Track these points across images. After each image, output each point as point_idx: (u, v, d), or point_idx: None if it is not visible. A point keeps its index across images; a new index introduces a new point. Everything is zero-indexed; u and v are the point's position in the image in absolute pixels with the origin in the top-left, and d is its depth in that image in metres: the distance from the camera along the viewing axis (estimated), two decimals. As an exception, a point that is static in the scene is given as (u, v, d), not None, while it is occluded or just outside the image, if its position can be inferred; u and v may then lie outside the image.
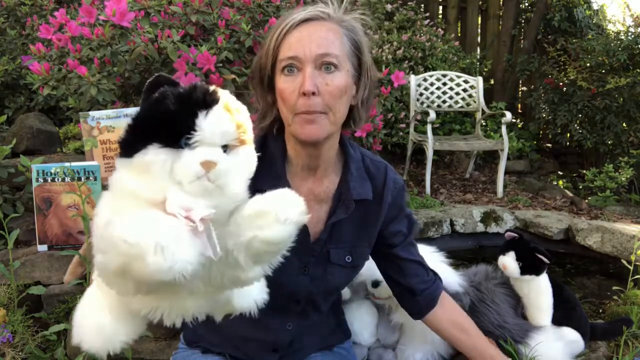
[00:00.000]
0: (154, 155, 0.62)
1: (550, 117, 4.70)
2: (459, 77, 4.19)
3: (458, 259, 2.53)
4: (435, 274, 1.33)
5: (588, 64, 4.43)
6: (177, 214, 0.60)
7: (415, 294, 1.26)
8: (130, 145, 0.64)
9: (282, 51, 1.03)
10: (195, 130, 0.63)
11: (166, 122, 0.63)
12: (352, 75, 1.07)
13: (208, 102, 0.66)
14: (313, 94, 0.99)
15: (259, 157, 1.10)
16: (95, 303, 0.74)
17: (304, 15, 1.03)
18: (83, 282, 1.61)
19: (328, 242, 1.14)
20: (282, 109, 1.06)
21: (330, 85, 1.01)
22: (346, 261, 1.16)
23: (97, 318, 0.73)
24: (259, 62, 1.09)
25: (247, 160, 0.73)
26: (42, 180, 1.88)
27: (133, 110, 2.05)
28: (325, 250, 1.14)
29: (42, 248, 1.90)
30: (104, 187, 1.98)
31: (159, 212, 0.61)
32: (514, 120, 4.77)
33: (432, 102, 4.13)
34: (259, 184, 1.09)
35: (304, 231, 0.79)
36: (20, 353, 1.59)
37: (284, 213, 0.68)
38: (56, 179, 1.87)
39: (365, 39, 1.10)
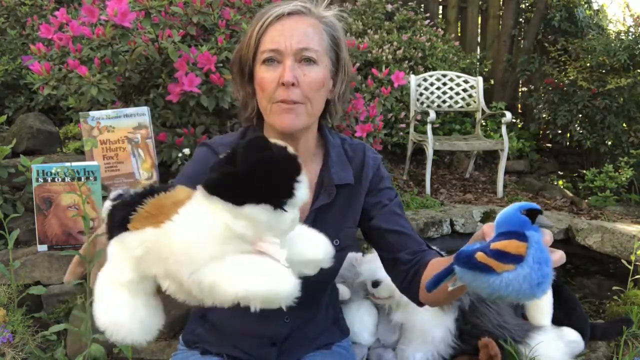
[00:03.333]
0: (265, 214, 0.75)
1: (550, 117, 4.70)
2: (459, 77, 4.19)
3: (458, 259, 2.52)
4: (429, 246, 1.18)
5: (588, 64, 4.42)
6: (281, 259, 0.77)
7: (402, 263, 1.14)
8: (241, 196, 0.75)
9: (264, 43, 1.06)
10: (294, 196, 0.77)
11: (279, 189, 0.76)
12: (330, 70, 1.11)
13: (300, 170, 0.78)
14: (292, 84, 1.03)
15: None
16: (131, 302, 0.84)
17: (287, 9, 1.07)
18: (83, 282, 1.60)
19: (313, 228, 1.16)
20: (261, 98, 1.09)
21: (308, 77, 1.05)
22: (334, 245, 1.18)
23: (138, 315, 0.83)
24: (240, 52, 1.13)
25: None
26: (42, 180, 1.88)
27: (133, 110, 2.06)
28: None
29: (42, 248, 1.90)
30: (104, 187, 1.98)
31: (271, 260, 0.76)
32: (514, 120, 4.76)
33: (432, 102, 4.13)
34: None
35: None
36: (20, 353, 1.59)
37: (324, 264, 0.89)
38: (56, 179, 1.87)
39: (344, 36, 1.14)
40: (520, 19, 5.60)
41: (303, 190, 0.78)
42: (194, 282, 0.74)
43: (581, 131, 4.47)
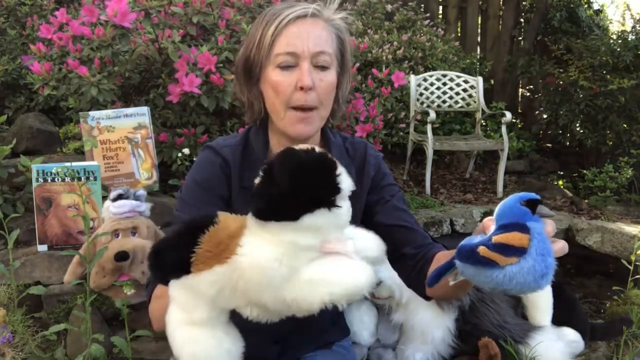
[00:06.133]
0: (324, 217, 0.76)
1: (552, 117, 4.69)
2: (459, 77, 4.18)
3: (458, 259, 2.52)
4: (434, 240, 1.18)
5: (590, 64, 4.41)
6: (350, 253, 0.79)
7: (408, 258, 1.14)
8: (295, 211, 0.75)
9: (279, 46, 1.05)
10: (341, 189, 0.78)
11: (326, 190, 0.77)
12: (337, 72, 1.12)
13: (335, 164, 0.79)
14: (310, 89, 1.04)
15: (243, 154, 1.14)
16: (214, 336, 0.86)
17: (300, 11, 1.06)
18: (83, 282, 1.61)
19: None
20: (274, 101, 1.08)
21: (325, 81, 1.07)
22: None
23: (224, 346, 0.86)
24: (248, 54, 1.11)
25: None
26: (42, 180, 1.88)
27: (133, 110, 2.06)
28: None
29: (42, 248, 1.90)
30: (104, 187, 1.98)
31: (342, 257, 0.79)
32: (514, 120, 4.76)
33: (432, 102, 4.13)
34: (244, 181, 1.11)
35: None
36: (20, 353, 1.59)
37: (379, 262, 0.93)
38: (56, 179, 1.87)
39: (349, 37, 1.15)
40: (521, 19, 5.60)
41: (346, 180, 0.79)
42: (278, 302, 0.77)
43: (582, 131, 4.46)
